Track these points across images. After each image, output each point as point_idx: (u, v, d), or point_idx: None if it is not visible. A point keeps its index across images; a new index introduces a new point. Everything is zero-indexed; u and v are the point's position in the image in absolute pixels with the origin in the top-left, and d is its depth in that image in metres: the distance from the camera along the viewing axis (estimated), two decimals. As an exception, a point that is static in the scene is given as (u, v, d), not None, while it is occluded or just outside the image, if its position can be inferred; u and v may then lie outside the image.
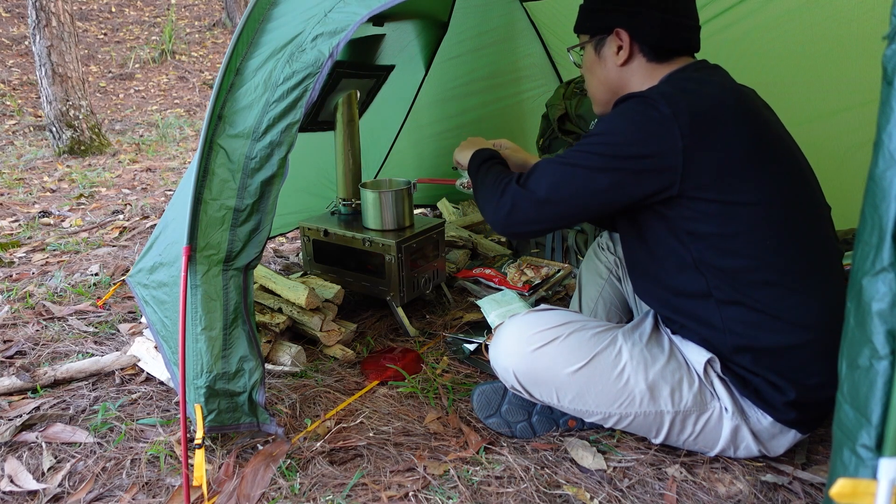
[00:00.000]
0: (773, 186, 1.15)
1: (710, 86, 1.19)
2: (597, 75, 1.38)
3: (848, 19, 1.94)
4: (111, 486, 1.34)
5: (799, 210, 1.18)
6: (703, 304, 1.22)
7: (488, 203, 1.31)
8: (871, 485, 0.60)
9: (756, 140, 1.15)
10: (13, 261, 2.78)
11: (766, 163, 1.15)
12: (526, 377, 1.34)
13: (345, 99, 2.11)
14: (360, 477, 1.34)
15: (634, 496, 1.27)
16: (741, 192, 1.13)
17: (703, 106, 1.13)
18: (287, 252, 2.86)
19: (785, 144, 1.22)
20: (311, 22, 1.35)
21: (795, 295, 1.16)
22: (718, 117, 1.13)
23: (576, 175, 1.19)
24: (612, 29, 1.29)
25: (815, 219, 1.22)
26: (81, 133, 5.28)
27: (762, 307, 1.17)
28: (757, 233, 1.14)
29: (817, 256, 1.19)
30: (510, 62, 2.99)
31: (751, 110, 1.18)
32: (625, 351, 1.29)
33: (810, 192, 1.23)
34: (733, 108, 1.15)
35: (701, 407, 1.27)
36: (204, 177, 1.36)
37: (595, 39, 1.35)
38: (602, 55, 1.34)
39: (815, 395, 1.19)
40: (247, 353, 1.40)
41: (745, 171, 1.13)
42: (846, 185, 1.54)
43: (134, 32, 9.58)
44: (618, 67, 1.32)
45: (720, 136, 1.12)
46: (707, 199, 1.14)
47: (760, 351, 1.19)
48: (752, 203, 1.13)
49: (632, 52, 1.29)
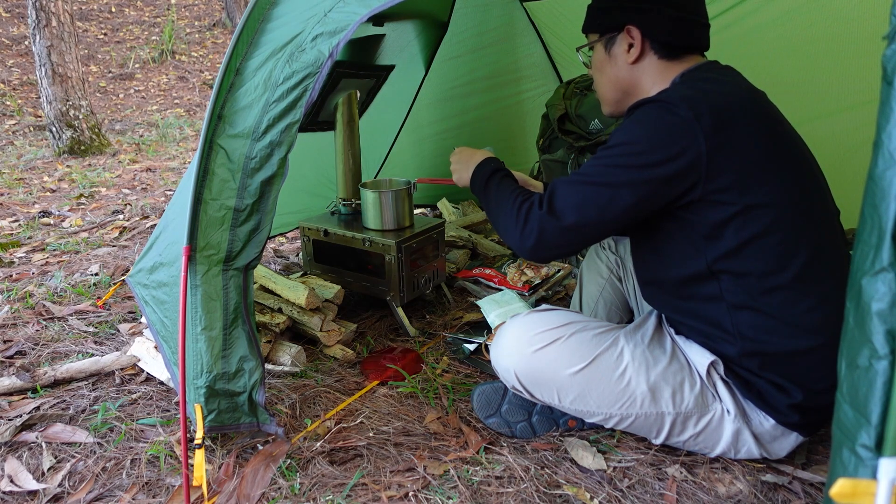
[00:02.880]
0: (788, 189, 1.14)
1: (727, 86, 1.19)
2: (607, 74, 1.36)
3: (848, 19, 1.94)
4: (111, 486, 1.34)
5: (811, 214, 1.18)
6: (715, 309, 1.21)
7: (511, 230, 1.25)
8: (871, 485, 0.60)
9: (772, 141, 1.14)
10: (13, 261, 2.78)
11: (782, 164, 1.15)
12: (527, 377, 1.34)
13: (345, 99, 2.11)
14: (360, 477, 1.34)
15: (634, 496, 1.27)
16: (759, 195, 1.12)
17: (723, 107, 1.12)
18: (287, 252, 2.86)
19: (798, 147, 1.22)
20: (311, 22, 1.34)
21: (807, 300, 1.15)
22: (738, 118, 1.12)
23: (600, 195, 1.16)
24: (624, 26, 1.28)
25: (827, 223, 1.21)
26: (81, 133, 5.28)
27: (773, 312, 1.16)
28: (771, 237, 1.14)
29: (828, 261, 1.18)
30: (510, 62, 2.99)
31: (766, 111, 1.18)
32: (626, 352, 1.29)
33: (821, 195, 1.22)
34: (750, 108, 1.15)
35: (702, 409, 1.27)
36: (204, 177, 1.36)
37: (605, 38, 1.33)
38: (612, 53, 1.33)
39: (822, 400, 1.18)
40: (247, 353, 1.40)
41: (763, 173, 1.12)
42: (846, 185, 1.54)
43: (134, 32, 9.58)
44: (629, 66, 1.30)
45: (740, 137, 1.11)
46: (727, 203, 1.12)
47: (770, 356, 1.19)
48: (768, 205, 1.12)
49: (643, 50, 1.28)
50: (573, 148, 2.49)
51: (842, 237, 1.26)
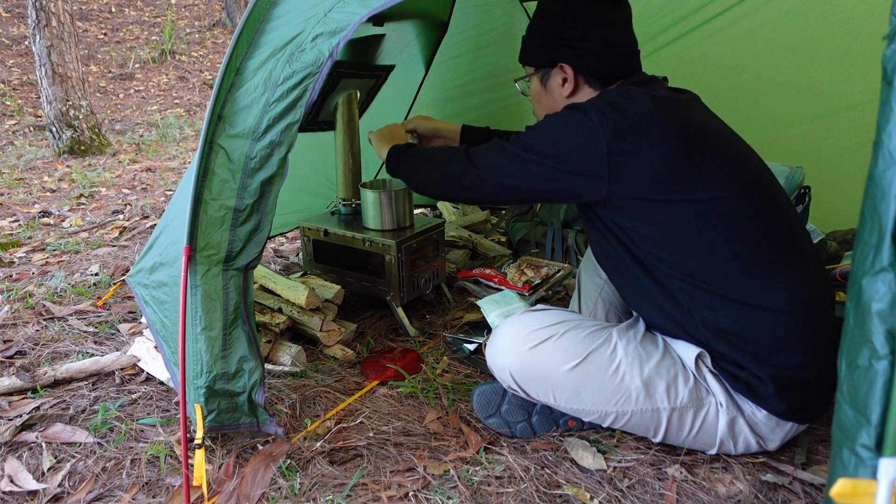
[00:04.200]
0: (713, 183, 1.19)
1: (638, 95, 1.24)
2: (543, 105, 1.45)
3: (848, 19, 1.94)
4: (111, 486, 1.34)
5: (749, 200, 1.22)
6: (667, 299, 1.27)
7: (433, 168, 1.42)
8: (871, 485, 0.60)
9: (685, 142, 1.19)
10: (13, 261, 2.78)
11: (701, 163, 1.19)
12: (522, 376, 1.35)
13: (345, 99, 2.11)
14: (360, 477, 1.34)
15: (634, 496, 1.27)
16: (677, 192, 1.18)
17: (627, 115, 1.19)
18: (287, 252, 2.86)
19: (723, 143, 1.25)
20: (311, 22, 1.35)
21: (755, 280, 1.20)
22: (643, 123, 1.18)
23: (513, 161, 1.29)
24: (557, 63, 1.36)
25: (769, 204, 1.25)
26: (81, 133, 5.28)
27: (726, 293, 1.21)
28: (702, 227, 1.19)
29: (777, 239, 1.23)
30: (510, 62, 2.95)
31: (678, 116, 1.21)
32: (619, 348, 1.30)
33: (757, 179, 1.26)
34: (657, 114, 1.20)
35: (697, 403, 1.28)
36: (204, 177, 1.36)
37: (540, 72, 1.42)
38: (548, 87, 1.42)
39: (799, 377, 1.21)
40: (246, 353, 1.40)
41: (677, 172, 1.18)
42: (846, 185, 1.54)
43: (134, 32, 9.58)
44: (564, 98, 1.39)
45: (645, 142, 1.17)
46: (640, 199, 1.20)
47: (733, 335, 1.22)
48: (690, 200, 1.19)
49: (577, 84, 1.37)
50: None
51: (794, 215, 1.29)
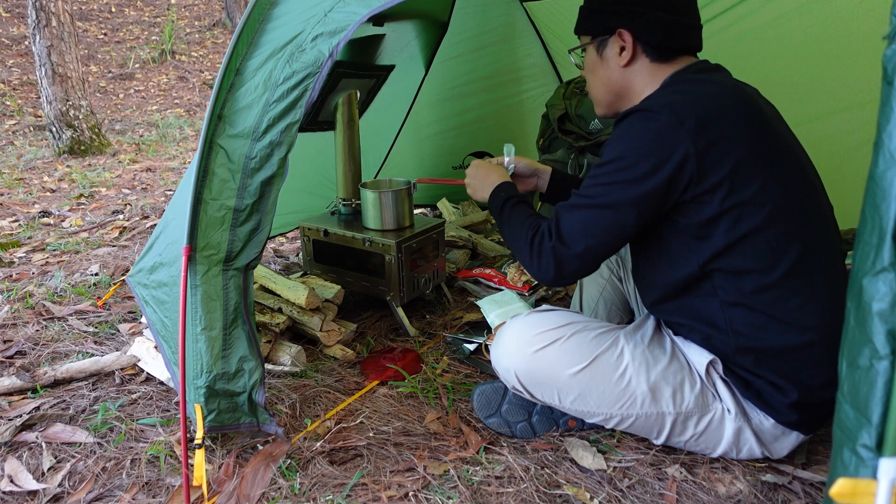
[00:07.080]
0: (778, 186, 1.14)
1: (712, 86, 1.19)
2: (599, 76, 1.36)
3: (848, 19, 1.93)
4: (111, 486, 1.34)
5: (802, 210, 1.18)
6: (709, 307, 1.22)
7: (528, 264, 1.28)
8: (871, 485, 0.60)
9: (760, 138, 1.14)
10: (13, 261, 2.78)
11: (772, 161, 1.15)
12: (527, 378, 1.34)
13: (345, 99, 2.11)
14: (360, 477, 1.34)
15: (634, 496, 1.27)
16: (749, 193, 1.12)
17: (705, 108, 1.13)
18: (287, 252, 2.86)
19: (788, 143, 1.21)
20: (311, 22, 1.35)
21: (798, 297, 1.16)
22: (722, 117, 1.13)
23: (605, 217, 1.19)
24: (615, 30, 1.28)
25: (819, 219, 1.22)
26: (81, 133, 5.27)
27: (765, 308, 1.17)
28: (762, 234, 1.14)
29: (821, 258, 1.19)
30: (510, 62, 2.99)
31: (753, 108, 1.17)
32: (627, 352, 1.29)
33: (813, 191, 1.22)
34: (736, 107, 1.15)
35: (703, 408, 1.27)
36: (204, 177, 1.36)
37: (597, 41, 1.33)
38: (604, 56, 1.33)
39: (819, 396, 1.18)
40: (247, 353, 1.40)
41: (752, 170, 1.12)
42: (846, 185, 1.54)
43: (134, 32, 9.58)
44: (621, 68, 1.30)
45: (727, 136, 1.12)
46: (717, 201, 1.13)
47: (763, 352, 1.19)
48: (758, 203, 1.13)
49: (635, 53, 1.28)
50: (573, 148, 2.49)
51: (835, 233, 1.26)
